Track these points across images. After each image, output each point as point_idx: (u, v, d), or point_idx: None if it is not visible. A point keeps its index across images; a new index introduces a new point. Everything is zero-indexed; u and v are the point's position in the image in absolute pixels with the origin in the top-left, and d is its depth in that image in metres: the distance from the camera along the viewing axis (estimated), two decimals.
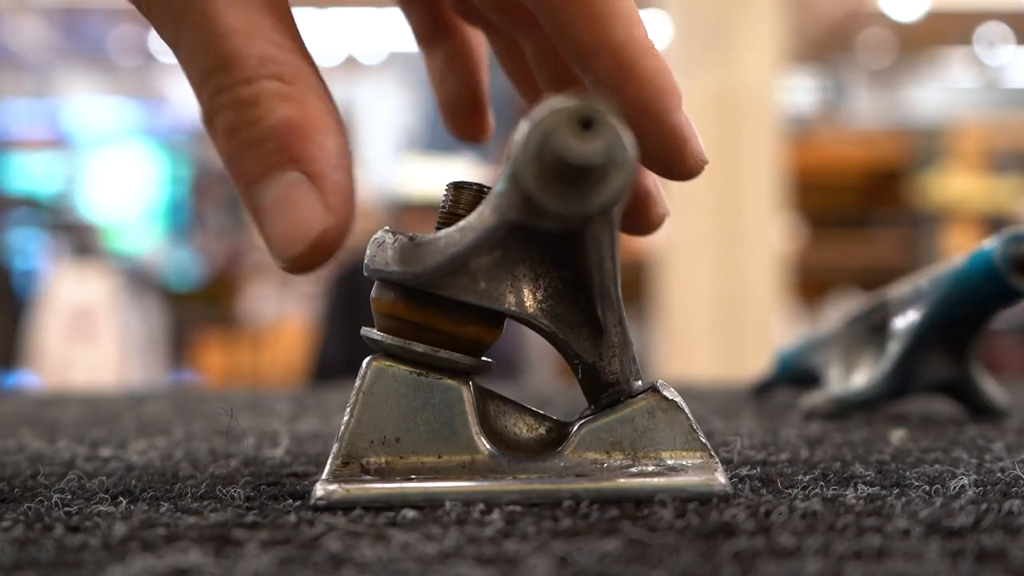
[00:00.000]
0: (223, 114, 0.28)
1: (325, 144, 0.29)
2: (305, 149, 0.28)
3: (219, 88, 0.28)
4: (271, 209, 0.28)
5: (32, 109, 5.88)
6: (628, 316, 0.31)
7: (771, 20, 2.49)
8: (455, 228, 0.30)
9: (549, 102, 0.27)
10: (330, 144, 0.29)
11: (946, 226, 4.98)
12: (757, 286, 2.44)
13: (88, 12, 5.06)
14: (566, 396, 0.70)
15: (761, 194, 2.45)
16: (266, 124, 0.28)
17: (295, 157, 0.28)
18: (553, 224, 0.28)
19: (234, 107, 0.28)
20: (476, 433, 0.31)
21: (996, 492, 0.30)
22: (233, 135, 0.28)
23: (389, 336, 0.31)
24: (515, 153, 0.27)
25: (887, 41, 5.62)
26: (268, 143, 0.28)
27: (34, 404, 0.69)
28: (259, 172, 0.28)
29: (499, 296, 0.31)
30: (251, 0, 0.29)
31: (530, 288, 0.31)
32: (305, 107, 0.28)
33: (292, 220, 0.28)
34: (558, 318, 0.31)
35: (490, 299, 0.31)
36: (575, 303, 0.31)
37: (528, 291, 0.31)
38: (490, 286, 0.30)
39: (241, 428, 0.50)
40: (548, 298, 0.31)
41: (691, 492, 0.30)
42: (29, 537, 0.26)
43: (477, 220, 0.30)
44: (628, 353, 0.31)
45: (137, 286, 4.20)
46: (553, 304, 0.31)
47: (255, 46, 0.28)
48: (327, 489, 0.30)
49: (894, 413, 0.54)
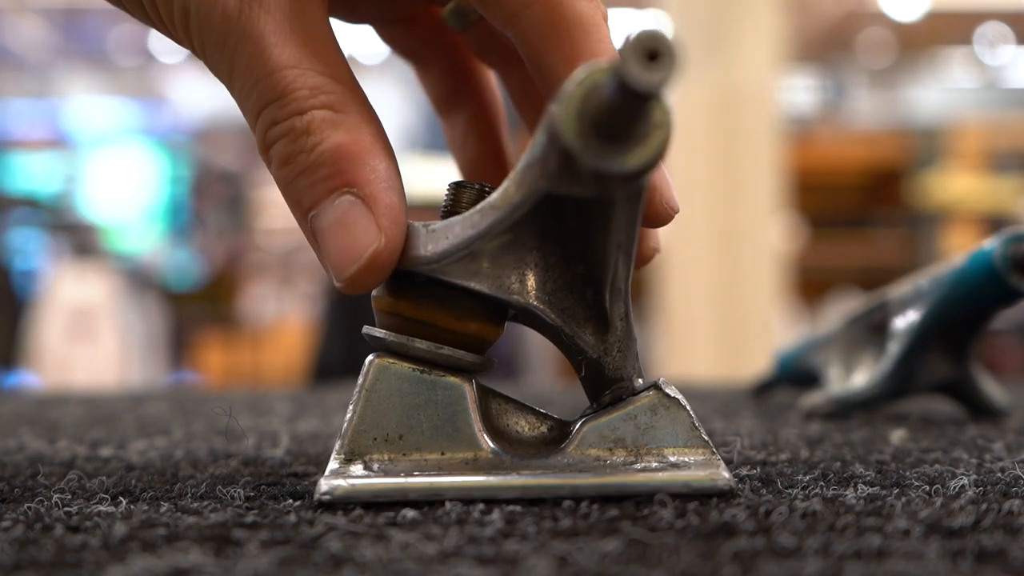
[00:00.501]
0: (278, 145, 0.30)
1: (377, 167, 0.30)
2: (358, 173, 0.30)
3: (274, 120, 0.30)
4: (327, 231, 0.30)
5: (32, 109, 5.88)
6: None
7: (771, 20, 2.49)
8: (472, 211, 0.30)
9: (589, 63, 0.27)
10: (381, 167, 0.30)
11: (946, 226, 4.98)
12: (757, 286, 2.44)
13: (88, 12, 5.06)
14: (566, 396, 0.70)
15: (761, 194, 2.45)
16: (320, 151, 0.30)
17: (349, 181, 0.30)
18: (587, 189, 0.28)
19: (288, 136, 0.30)
20: (479, 430, 0.31)
21: (996, 492, 0.30)
22: (288, 163, 0.30)
23: (391, 334, 0.31)
24: (555, 112, 0.27)
25: (887, 41, 5.62)
26: (322, 169, 0.30)
27: (34, 404, 0.69)
28: (315, 198, 0.30)
29: (508, 285, 0.31)
30: (299, 35, 0.30)
31: (539, 279, 0.31)
32: (356, 133, 0.30)
33: (347, 242, 0.30)
34: (565, 312, 0.31)
35: (498, 288, 0.31)
36: (582, 298, 0.31)
37: (537, 281, 0.31)
38: (499, 274, 0.30)
39: (241, 428, 0.50)
40: (556, 291, 0.31)
41: (695, 488, 0.30)
42: (29, 537, 0.26)
43: (500, 198, 0.29)
44: (632, 349, 0.31)
45: (137, 286, 4.20)
46: (561, 297, 0.31)
47: (306, 78, 0.30)
48: (331, 484, 0.30)
49: (894, 413, 0.54)
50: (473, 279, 0.30)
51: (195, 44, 0.31)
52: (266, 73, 0.30)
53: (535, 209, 0.29)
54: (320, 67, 0.30)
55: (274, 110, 0.30)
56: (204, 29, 0.30)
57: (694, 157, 2.33)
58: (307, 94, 0.30)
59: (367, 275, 0.30)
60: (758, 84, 2.44)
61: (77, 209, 5.39)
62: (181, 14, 0.31)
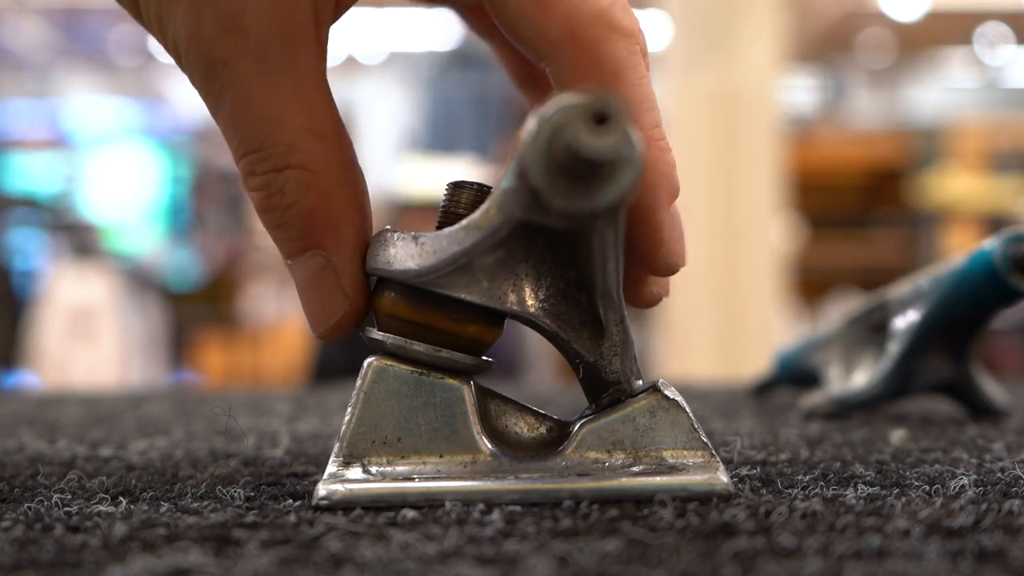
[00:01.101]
0: (255, 195, 0.31)
1: (346, 235, 0.31)
2: (327, 238, 0.31)
3: (252, 171, 0.31)
4: (301, 286, 0.32)
5: (32, 109, 5.88)
6: (628, 316, 0.31)
7: (771, 20, 2.49)
8: (458, 227, 0.30)
9: (561, 97, 0.26)
10: (350, 234, 0.31)
11: (946, 226, 4.98)
12: (757, 286, 2.44)
13: (88, 12, 5.05)
14: (566, 396, 0.70)
15: (761, 194, 2.45)
16: (293, 212, 0.31)
17: (319, 244, 0.31)
18: (559, 222, 0.28)
19: (264, 192, 0.31)
20: (477, 433, 0.31)
21: (996, 492, 0.30)
22: (264, 214, 0.32)
23: (390, 336, 0.31)
24: (523, 149, 0.26)
25: (887, 41, 5.61)
26: (294, 229, 0.31)
27: (34, 404, 0.69)
28: (290, 252, 0.32)
29: (501, 295, 0.31)
30: (285, 84, 0.30)
31: (532, 287, 0.31)
32: (328, 197, 0.31)
33: (318, 304, 0.32)
34: (560, 317, 0.31)
35: (492, 298, 0.30)
36: (576, 303, 0.31)
37: (530, 290, 0.31)
38: (492, 285, 0.30)
39: (241, 428, 0.50)
40: (550, 297, 0.31)
41: (693, 491, 0.30)
42: (29, 537, 0.26)
43: (481, 219, 0.30)
44: (629, 352, 0.31)
45: (137, 286, 4.20)
46: (555, 304, 0.31)
47: (284, 134, 0.30)
48: (329, 489, 0.30)
49: (894, 413, 0.54)
50: (466, 291, 0.30)
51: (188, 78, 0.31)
52: (247, 123, 0.30)
53: (518, 229, 0.29)
54: (302, 120, 0.30)
55: (252, 161, 0.31)
56: (192, 70, 0.31)
57: (694, 157, 2.33)
58: (284, 151, 0.30)
59: (335, 334, 0.32)
60: (758, 84, 2.44)
61: (77, 209, 5.39)
62: (173, 51, 0.31)
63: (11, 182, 5.47)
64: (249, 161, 0.31)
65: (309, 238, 0.31)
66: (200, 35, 0.30)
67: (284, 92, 0.30)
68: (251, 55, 0.30)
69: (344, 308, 0.32)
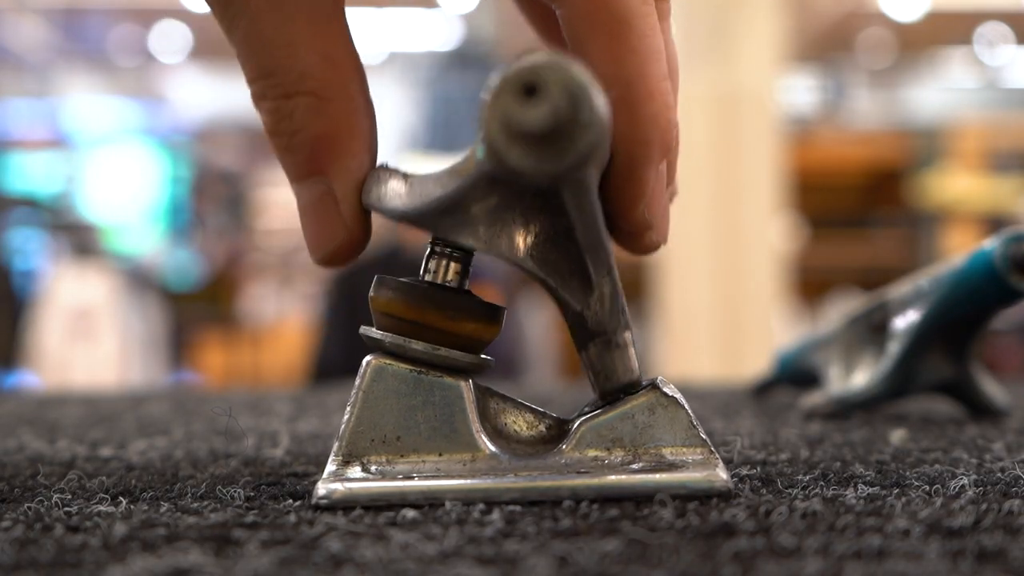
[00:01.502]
0: (265, 116, 0.31)
1: (350, 165, 0.31)
2: (331, 165, 0.31)
3: (262, 95, 0.31)
4: (303, 211, 0.32)
5: (32, 109, 5.88)
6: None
7: (771, 20, 2.49)
8: (444, 170, 0.30)
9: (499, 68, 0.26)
10: (353, 165, 0.31)
11: (946, 226, 4.98)
12: (757, 286, 2.44)
13: (88, 12, 5.06)
14: (565, 395, 0.70)
15: (761, 194, 2.45)
16: (300, 138, 0.31)
17: (322, 170, 0.31)
18: (525, 180, 0.28)
19: (274, 116, 0.31)
20: (477, 431, 0.31)
21: (996, 492, 0.30)
22: (273, 137, 0.32)
23: (388, 335, 0.31)
24: (481, 113, 0.27)
25: (887, 41, 5.62)
26: (300, 154, 0.31)
27: (34, 404, 0.69)
28: (295, 176, 0.32)
29: (490, 239, 0.30)
30: (300, 14, 0.30)
31: (522, 234, 0.30)
32: (336, 126, 0.31)
33: (318, 230, 0.32)
34: (549, 265, 0.31)
35: (484, 243, 0.30)
36: (567, 251, 0.31)
37: (520, 237, 0.30)
38: (482, 229, 0.30)
39: (241, 428, 0.50)
40: (539, 244, 0.31)
41: (692, 488, 0.30)
42: (29, 537, 0.26)
43: (463, 165, 0.29)
44: (617, 304, 0.31)
45: (137, 286, 4.20)
46: (545, 251, 0.31)
47: (296, 60, 0.30)
48: (329, 488, 0.30)
49: (894, 413, 0.54)
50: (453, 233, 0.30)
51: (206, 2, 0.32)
52: (259, 49, 0.31)
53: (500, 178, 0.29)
54: (317, 46, 0.30)
55: (262, 85, 0.31)
56: None
57: (694, 157, 2.33)
58: (295, 78, 0.30)
59: (332, 259, 0.32)
60: (758, 84, 2.44)
61: (77, 209, 5.39)
62: None
63: (11, 182, 5.47)
64: (261, 85, 0.31)
65: (314, 164, 0.31)
66: None
67: (299, 21, 0.30)
68: None
69: (343, 237, 0.32)
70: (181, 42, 5.46)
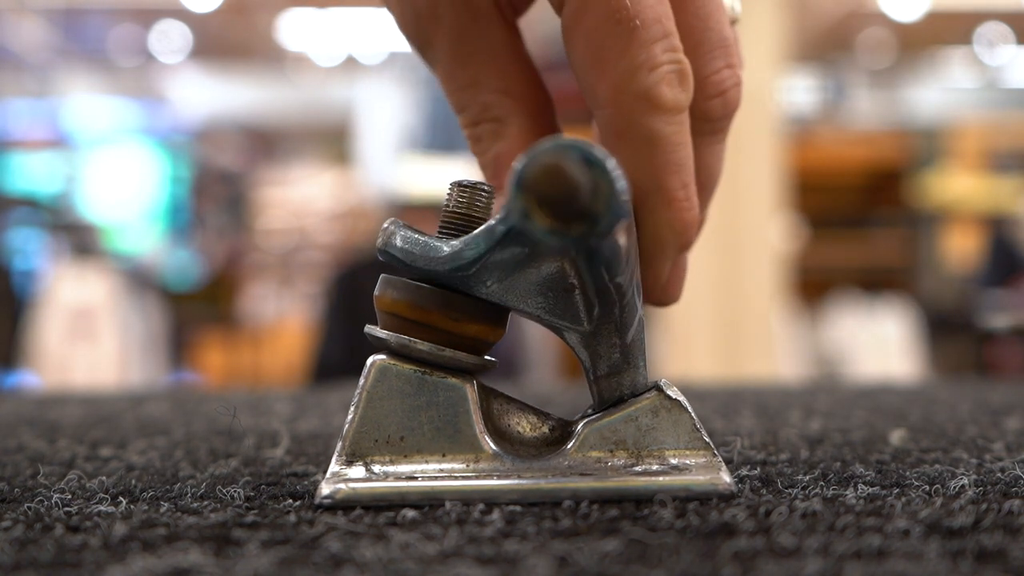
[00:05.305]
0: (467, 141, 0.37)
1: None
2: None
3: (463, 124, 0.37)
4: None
5: (32, 109, 5.88)
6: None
7: (771, 20, 2.49)
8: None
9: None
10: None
11: (946, 226, 4.98)
12: (757, 286, 2.44)
13: (88, 12, 5.06)
14: (567, 396, 0.70)
15: (761, 194, 2.45)
16: (486, 157, 0.37)
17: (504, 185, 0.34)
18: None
19: (470, 139, 0.37)
20: (480, 432, 0.31)
21: (996, 492, 0.30)
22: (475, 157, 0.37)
23: (393, 334, 0.31)
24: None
25: (887, 41, 5.62)
26: (488, 170, 0.37)
27: (34, 404, 0.69)
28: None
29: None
30: (479, 57, 0.36)
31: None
32: (514, 143, 0.36)
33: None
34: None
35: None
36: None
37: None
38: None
39: (241, 428, 0.50)
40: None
41: (696, 491, 0.30)
42: (29, 537, 0.26)
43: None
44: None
45: (137, 286, 4.20)
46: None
47: (480, 96, 0.36)
48: (332, 488, 0.30)
49: (894, 413, 0.54)
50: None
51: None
52: (452, 90, 0.37)
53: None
54: (496, 83, 0.36)
55: (461, 119, 0.37)
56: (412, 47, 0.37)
57: None
58: (478, 111, 0.36)
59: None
60: (758, 84, 2.44)
61: (77, 209, 5.39)
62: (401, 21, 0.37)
63: (11, 182, 5.47)
64: (460, 118, 0.37)
65: (499, 179, 0.35)
66: (406, 23, 0.37)
67: (479, 63, 0.36)
68: (448, 37, 0.36)
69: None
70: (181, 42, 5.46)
